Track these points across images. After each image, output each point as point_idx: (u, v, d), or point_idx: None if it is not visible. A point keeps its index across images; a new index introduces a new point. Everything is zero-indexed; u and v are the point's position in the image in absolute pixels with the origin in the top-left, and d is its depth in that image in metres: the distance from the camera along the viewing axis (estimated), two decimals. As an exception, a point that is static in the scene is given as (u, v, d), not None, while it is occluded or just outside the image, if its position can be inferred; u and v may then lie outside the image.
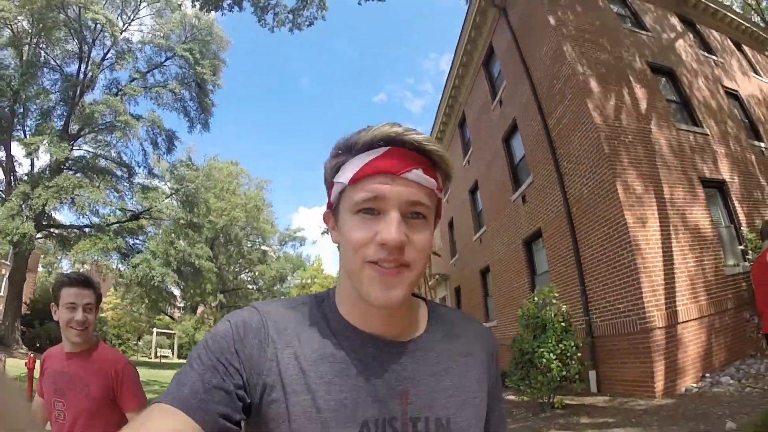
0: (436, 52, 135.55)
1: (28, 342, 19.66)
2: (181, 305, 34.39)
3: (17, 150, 19.53)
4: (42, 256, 33.50)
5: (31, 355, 8.29)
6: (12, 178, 18.73)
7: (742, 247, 7.89)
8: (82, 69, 19.42)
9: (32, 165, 18.52)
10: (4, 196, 18.40)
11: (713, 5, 12.12)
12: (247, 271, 40.24)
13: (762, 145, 10.10)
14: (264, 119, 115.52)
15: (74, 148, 19.17)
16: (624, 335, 6.64)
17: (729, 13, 12.68)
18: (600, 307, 7.22)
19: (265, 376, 0.62)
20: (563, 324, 6.23)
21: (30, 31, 17.45)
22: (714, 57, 11.00)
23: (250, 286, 41.45)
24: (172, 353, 31.78)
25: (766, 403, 4.95)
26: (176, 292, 27.77)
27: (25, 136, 18.27)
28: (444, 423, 0.66)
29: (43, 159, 18.52)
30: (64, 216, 19.06)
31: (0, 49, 17.25)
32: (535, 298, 6.67)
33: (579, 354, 6.28)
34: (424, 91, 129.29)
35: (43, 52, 18.51)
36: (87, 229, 19.04)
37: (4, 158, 18.77)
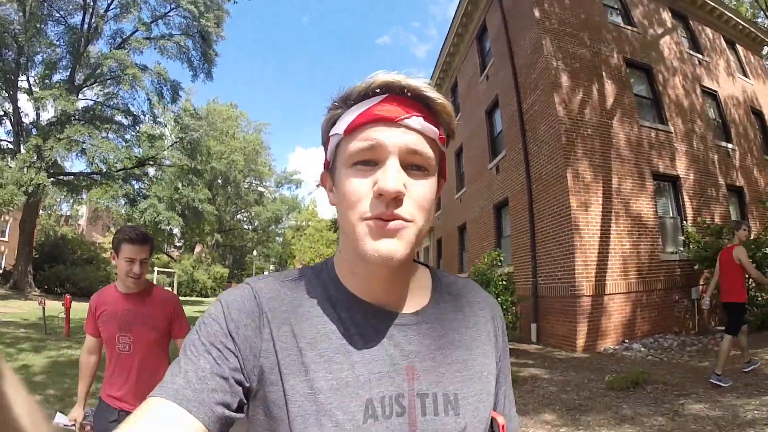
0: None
1: (39, 284, 21.62)
2: (179, 244, 36.29)
3: (23, 102, 20.48)
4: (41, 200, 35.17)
5: (68, 296, 9.92)
6: (20, 128, 20.09)
7: (683, 237, 9.28)
8: (86, 20, 20.35)
9: (38, 115, 19.93)
10: (12, 146, 19.97)
11: (710, 2, 13.06)
12: (243, 211, 42.20)
13: (729, 146, 11.29)
14: (264, 61, 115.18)
15: (80, 98, 20.48)
16: (559, 298, 8.14)
17: (726, 11, 13.56)
18: (544, 273, 8.73)
19: (262, 358, 0.61)
20: (504, 283, 7.73)
21: None
22: (700, 56, 12.04)
23: (246, 226, 43.70)
24: (173, 290, 33.86)
25: (650, 367, 6.43)
26: (175, 231, 29.62)
27: (30, 88, 19.61)
28: (452, 398, 0.64)
29: (50, 110, 19.68)
30: (71, 163, 20.30)
31: (3, 4, 18.18)
32: (486, 259, 8.18)
33: (514, 308, 7.84)
34: (430, 36, 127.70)
35: (46, 4, 19.21)
36: (96, 176, 20.52)
37: (10, 110, 20.06)
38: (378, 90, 0.60)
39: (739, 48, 13.87)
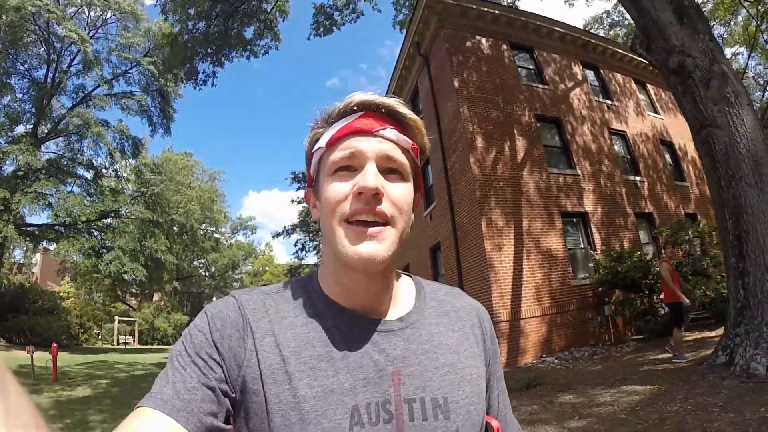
0: (391, 40, 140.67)
1: (1, 334, 22.97)
2: (137, 292, 37.90)
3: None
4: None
5: (54, 345, 11.70)
6: None
7: (591, 264, 11.63)
8: (50, 75, 22.44)
9: None
10: None
11: (616, 49, 15.73)
12: (200, 258, 44.05)
13: (637, 178, 13.82)
14: (214, 107, 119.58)
15: (43, 150, 22.38)
16: None
17: (635, 56, 16.18)
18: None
19: (245, 368, 0.64)
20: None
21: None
22: (609, 101, 14.66)
23: (203, 273, 45.67)
24: (134, 340, 35.24)
25: (551, 373, 8.63)
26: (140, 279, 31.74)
27: None
28: (441, 403, 0.67)
29: (12, 162, 21.33)
30: (32, 213, 22.27)
31: None
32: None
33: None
34: (378, 76, 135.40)
35: (11, 57, 21.36)
36: (59, 228, 22.26)
37: None
38: (356, 108, 0.70)
39: (650, 87, 16.57)
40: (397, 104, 0.71)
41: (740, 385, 5.10)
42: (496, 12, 13.43)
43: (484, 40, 13.11)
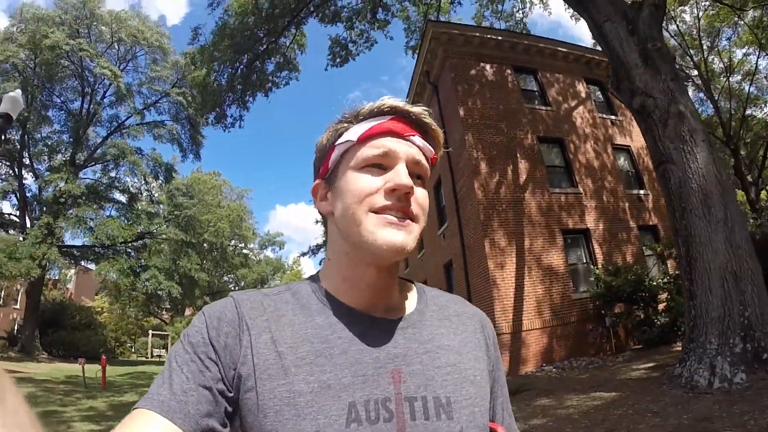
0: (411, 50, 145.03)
1: (45, 348, 25.29)
2: (170, 307, 40.46)
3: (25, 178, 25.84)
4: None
5: (104, 357, 13.46)
6: (25, 203, 24.43)
7: (593, 278, 12.74)
8: (85, 106, 25.27)
9: (40, 191, 24.65)
10: (18, 220, 24.37)
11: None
12: (230, 274, 46.81)
13: (641, 192, 14.84)
14: (241, 127, 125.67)
15: (81, 176, 25.25)
16: None
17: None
18: (480, 321, 12.25)
19: (240, 365, 0.66)
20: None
21: (35, 71, 23.35)
22: (613, 117, 15.69)
23: (233, 288, 48.20)
24: (167, 353, 37.69)
25: (543, 381, 9.85)
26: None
27: (32, 164, 24.66)
28: (444, 402, 0.69)
29: (52, 188, 24.15)
30: (71, 234, 25.27)
31: (6, 91, 22.64)
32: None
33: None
34: (399, 87, 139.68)
35: (47, 90, 24.42)
36: (99, 249, 24.65)
37: (15, 185, 24.44)
38: (387, 110, 0.75)
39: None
40: (424, 114, 0.76)
41: (682, 395, 6.08)
42: (499, 38, 14.74)
43: (488, 66, 14.42)
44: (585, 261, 13.11)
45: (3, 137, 10.00)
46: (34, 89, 23.55)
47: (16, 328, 35.85)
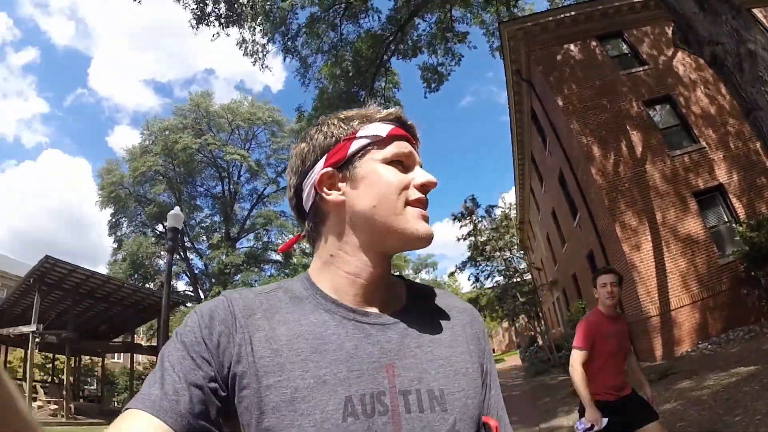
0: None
1: None
2: None
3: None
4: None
5: None
6: (195, 279, 29.79)
7: (738, 238, 12.01)
8: (226, 188, 30.85)
9: (206, 267, 29.90)
10: (192, 293, 29.44)
11: None
12: None
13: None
14: None
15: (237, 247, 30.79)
16: (635, 323, 11.54)
17: None
18: (625, 304, 12.26)
19: (234, 364, 0.69)
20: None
21: (175, 170, 29.43)
22: (723, 53, 14.75)
23: None
24: None
25: (699, 360, 9.75)
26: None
27: (193, 245, 30.92)
28: (437, 394, 0.72)
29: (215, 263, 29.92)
30: None
31: (160, 194, 29.33)
32: (572, 309, 12.06)
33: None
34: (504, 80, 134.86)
35: (191, 185, 30.68)
36: None
37: (185, 266, 30.56)
38: (392, 118, 0.84)
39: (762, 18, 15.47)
40: (414, 125, 0.87)
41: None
42: (572, 13, 14.56)
43: (572, 46, 14.38)
44: (726, 220, 12.61)
45: (176, 245, 12.11)
46: (179, 186, 30.22)
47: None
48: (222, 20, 14.77)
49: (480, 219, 24.07)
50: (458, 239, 23.78)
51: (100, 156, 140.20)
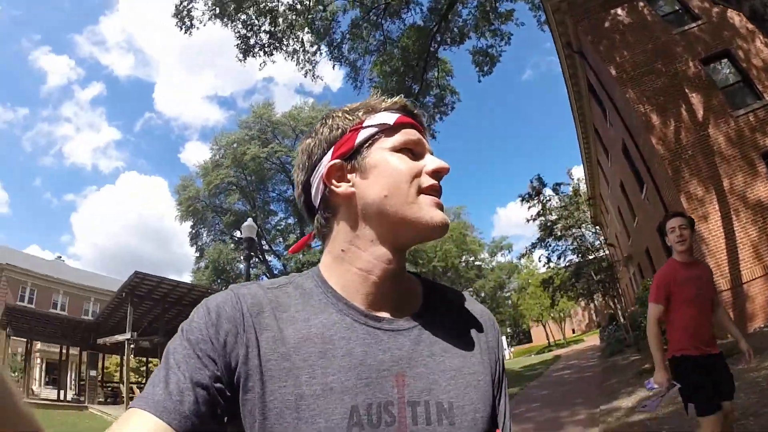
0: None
1: None
2: None
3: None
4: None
5: None
6: (273, 277, 34.36)
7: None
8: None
9: (285, 267, 32.18)
10: None
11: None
12: (467, 288, 50.32)
13: None
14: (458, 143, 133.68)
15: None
16: None
17: None
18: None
19: (241, 364, 0.67)
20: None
21: (247, 180, 32.68)
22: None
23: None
24: None
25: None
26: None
27: (271, 248, 33.97)
28: (446, 407, 0.70)
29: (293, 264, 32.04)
30: None
31: (235, 203, 32.84)
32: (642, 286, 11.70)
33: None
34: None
35: (263, 191, 33.71)
36: None
37: (264, 268, 33.37)
38: (397, 107, 0.83)
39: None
40: (420, 114, 0.86)
41: None
42: (615, -26, 13.85)
43: (619, 10, 13.86)
44: (803, 177, 11.74)
45: (253, 253, 13.49)
46: (252, 194, 33.27)
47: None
48: (266, 49, 15.69)
49: (548, 198, 23.37)
50: (527, 220, 23.22)
51: (175, 172, 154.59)
